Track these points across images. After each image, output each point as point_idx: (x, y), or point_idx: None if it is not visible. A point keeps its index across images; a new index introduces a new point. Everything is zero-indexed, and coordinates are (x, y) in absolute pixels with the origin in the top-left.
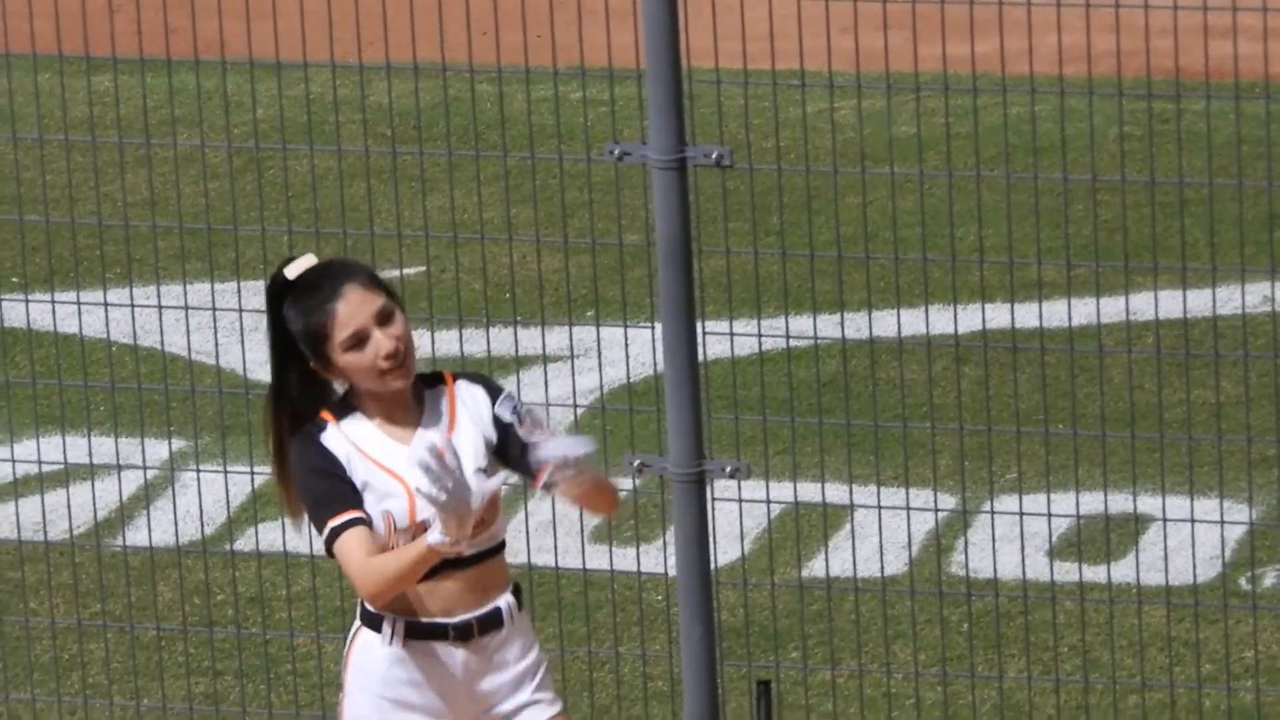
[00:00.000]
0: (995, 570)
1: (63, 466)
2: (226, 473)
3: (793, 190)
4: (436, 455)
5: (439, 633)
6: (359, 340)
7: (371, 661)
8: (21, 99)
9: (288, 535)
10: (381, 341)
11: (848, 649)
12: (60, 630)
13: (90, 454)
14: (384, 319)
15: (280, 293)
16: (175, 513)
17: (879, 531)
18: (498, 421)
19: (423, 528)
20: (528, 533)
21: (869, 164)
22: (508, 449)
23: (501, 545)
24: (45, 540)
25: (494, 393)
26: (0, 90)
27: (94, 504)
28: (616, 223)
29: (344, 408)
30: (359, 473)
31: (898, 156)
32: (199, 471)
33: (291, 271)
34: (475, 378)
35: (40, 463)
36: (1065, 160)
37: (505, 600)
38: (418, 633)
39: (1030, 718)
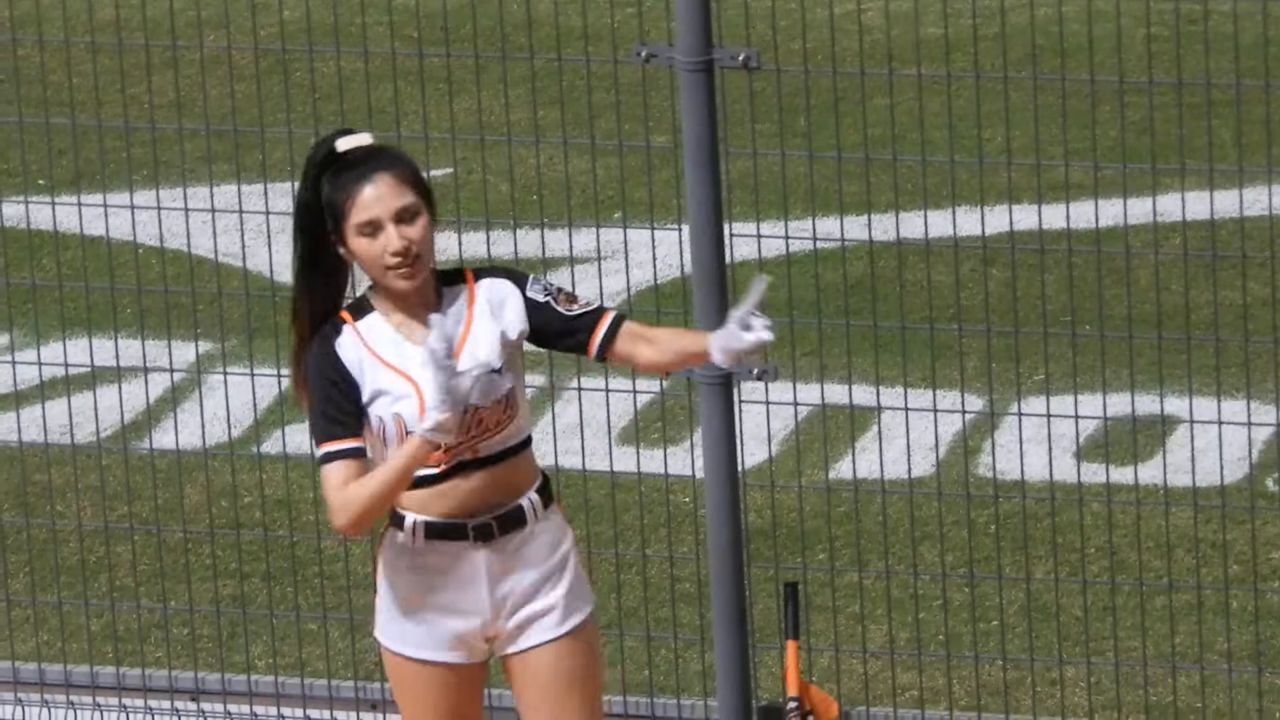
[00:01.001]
0: (1022, 472)
1: (89, 369)
2: (253, 375)
3: (820, 92)
4: (443, 342)
5: (458, 532)
6: (373, 229)
7: (397, 560)
8: (48, 2)
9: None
10: (393, 237)
11: (875, 551)
12: (87, 533)
13: (117, 357)
14: (404, 217)
15: (325, 161)
16: (202, 415)
17: (906, 433)
18: (532, 305)
19: None
20: (555, 435)
21: (896, 65)
22: (546, 329)
23: (525, 444)
24: (72, 443)
25: (519, 281)
26: None
27: (121, 407)
28: (644, 124)
29: (362, 308)
30: (370, 378)
31: (925, 58)
32: (226, 374)
33: (342, 144)
34: (497, 271)
35: (67, 365)
36: (1092, 61)
37: (528, 498)
38: (438, 532)
39: (1057, 619)
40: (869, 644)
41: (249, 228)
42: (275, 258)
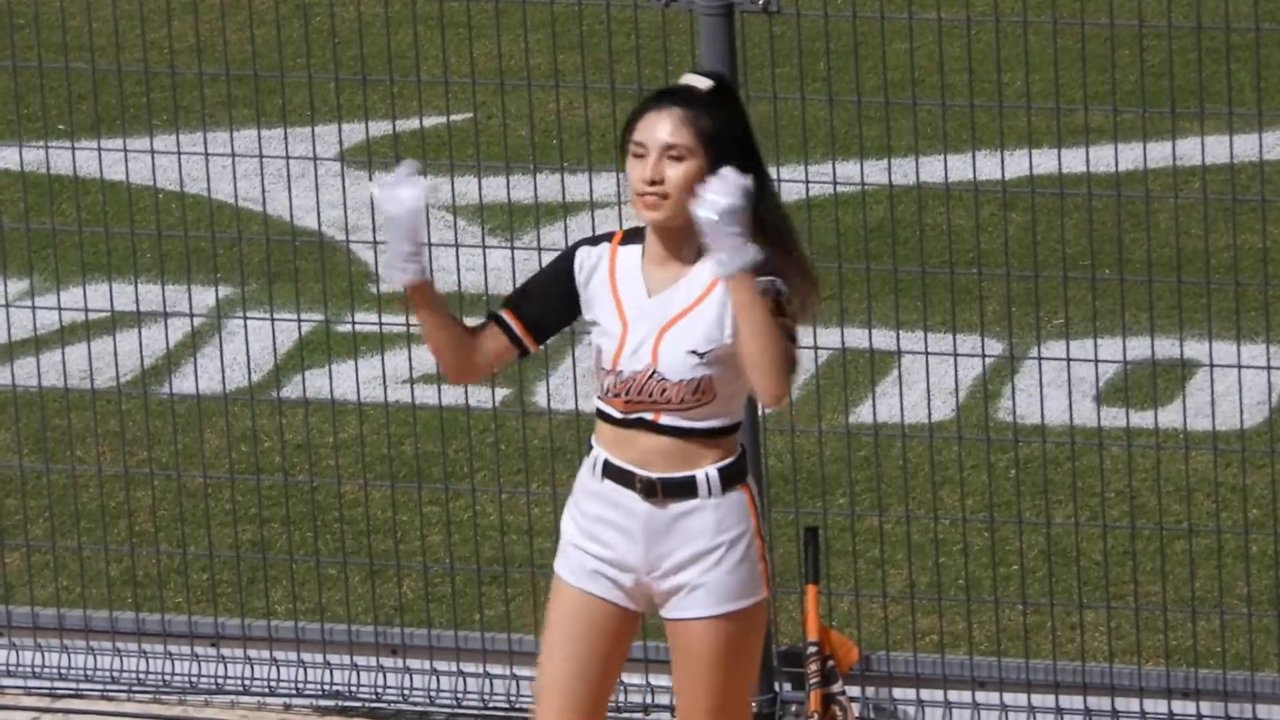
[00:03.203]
0: (1042, 416)
1: (109, 314)
2: (274, 320)
3: (839, 36)
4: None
5: (628, 480)
6: (640, 151)
7: (580, 489)
8: None
9: (334, 382)
10: (652, 166)
11: (895, 495)
12: (107, 478)
13: (137, 302)
14: (672, 154)
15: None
16: (222, 360)
17: (926, 377)
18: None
19: (620, 376)
20: (575, 378)
21: (916, 9)
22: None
23: (721, 431)
24: (92, 388)
25: (757, 273)
26: None
27: (141, 352)
28: (663, 69)
29: (634, 236)
30: (597, 298)
31: (944, 2)
32: (246, 319)
33: (685, 78)
34: (759, 260)
35: (87, 310)
36: (1112, 5)
37: (705, 472)
38: (613, 472)
39: (1077, 563)
40: (889, 589)
41: (269, 172)
42: (295, 202)
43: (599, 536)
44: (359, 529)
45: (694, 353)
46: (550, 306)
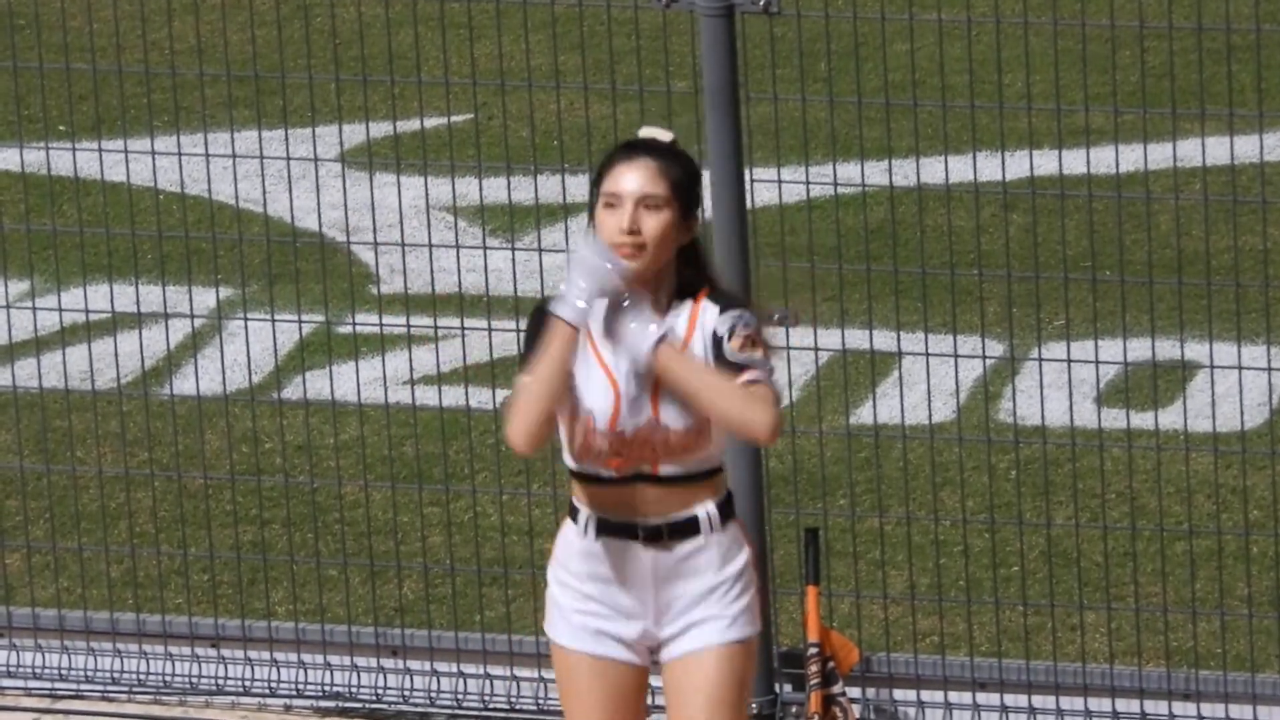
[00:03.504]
0: (1043, 417)
1: (110, 315)
2: (274, 321)
3: (840, 37)
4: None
5: (629, 531)
6: (615, 201)
7: (567, 552)
8: None
9: (335, 383)
10: (629, 216)
11: (895, 496)
12: (108, 479)
13: (138, 302)
14: (647, 204)
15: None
16: (223, 361)
17: (927, 378)
18: (714, 333)
19: (621, 437)
20: None
21: (916, 10)
22: (715, 359)
23: (713, 471)
24: (93, 389)
25: (725, 309)
26: None
27: (141, 352)
28: (664, 70)
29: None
30: (582, 359)
31: (945, 3)
32: (246, 320)
33: (643, 131)
34: (721, 298)
35: (88, 311)
36: (1113, 6)
37: (705, 509)
38: (609, 528)
39: (1078, 564)
40: (889, 590)
41: (270, 173)
42: (296, 203)
43: (598, 596)
44: (360, 530)
45: None
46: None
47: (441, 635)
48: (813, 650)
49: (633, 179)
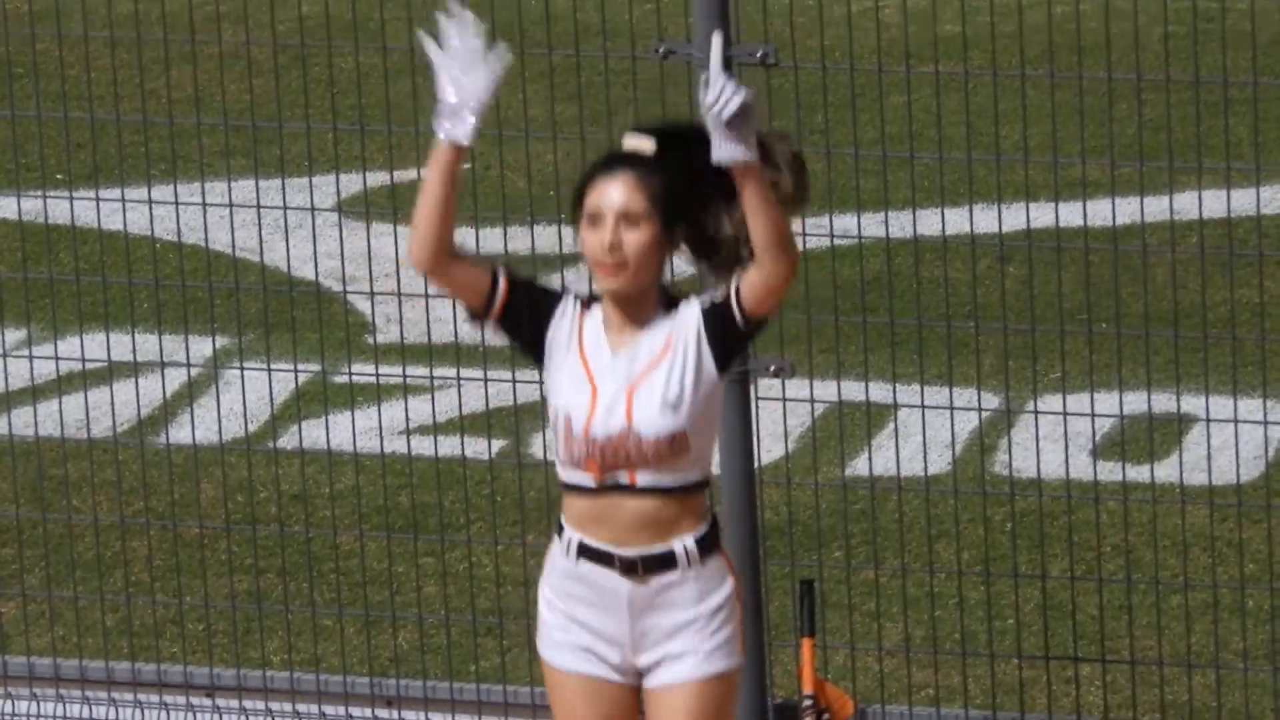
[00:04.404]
0: (1039, 470)
1: (106, 364)
2: (270, 370)
3: (837, 89)
4: None
5: (607, 560)
6: (595, 219)
7: (554, 569)
8: None
9: (330, 433)
10: (610, 232)
11: (891, 548)
12: (103, 527)
13: (134, 351)
14: (628, 220)
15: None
16: (219, 410)
17: (923, 430)
18: (707, 315)
19: (594, 443)
20: None
21: (914, 62)
22: (718, 329)
23: (694, 487)
24: (89, 438)
25: (703, 296)
26: None
27: (138, 401)
28: (661, 121)
29: (593, 301)
30: (562, 357)
31: (942, 55)
32: (243, 369)
33: (626, 141)
34: (700, 295)
35: (84, 360)
36: (1110, 59)
37: (682, 543)
38: (589, 553)
39: (1073, 617)
40: (884, 642)
41: (266, 223)
42: (292, 252)
43: (579, 617)
44: (355, 580)
45: (669, 404)
46: (531, 312)
47: (436, 686)
48: (808, 702)
49: (612, 194)
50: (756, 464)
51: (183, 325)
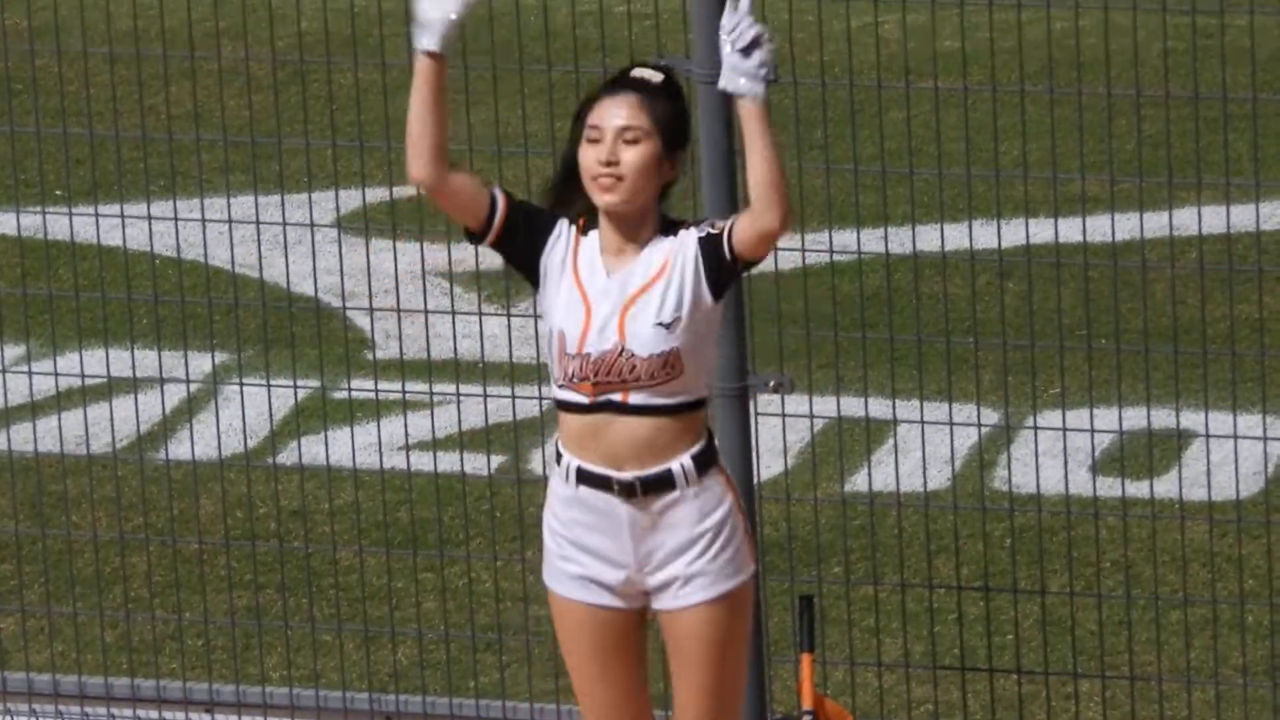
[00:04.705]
0: (1038, 485)
1: (106, 380)
2: (269, 386)
3: (837, 104)
4: None
5: (605, 484)
6: (595, 136)
7: (554, 497)
8: (66, 11)
9: (330, 448)
10: (609, 148)
11: (890, 564)
12: (102, 543)
13: (133, 367)
14: (628, 137)
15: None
16: (218, 426)
17: (922, 446)
18: (702, 246)
19: (587, 360)
20: None
21: (913, 78)
22: (713, 262)
23: (689, 406)
24: (88, 453)
25: (700, 228)
26: (45, 3)
27: (137, 417)
28: None
29: (591, 222)
30: (556, 279)
31: (942, 71)
32: (242, 385)
33: (635, 70)
34: (700, 222)
35: (83, 376)
36: (1109, 75)
37: (679, 462)
38: (587, 478)
39: (1073, 633)
40: (884, 657)
41: (265, 238)
42: (292, 268)
43: (582, 542)
44: (354, 595)
45: (660, 324)
46: (528, 233)
47: (436, 701)
48: (807, 718)
49: (615, 113)
50: (756, 480)
51: (182, 341)
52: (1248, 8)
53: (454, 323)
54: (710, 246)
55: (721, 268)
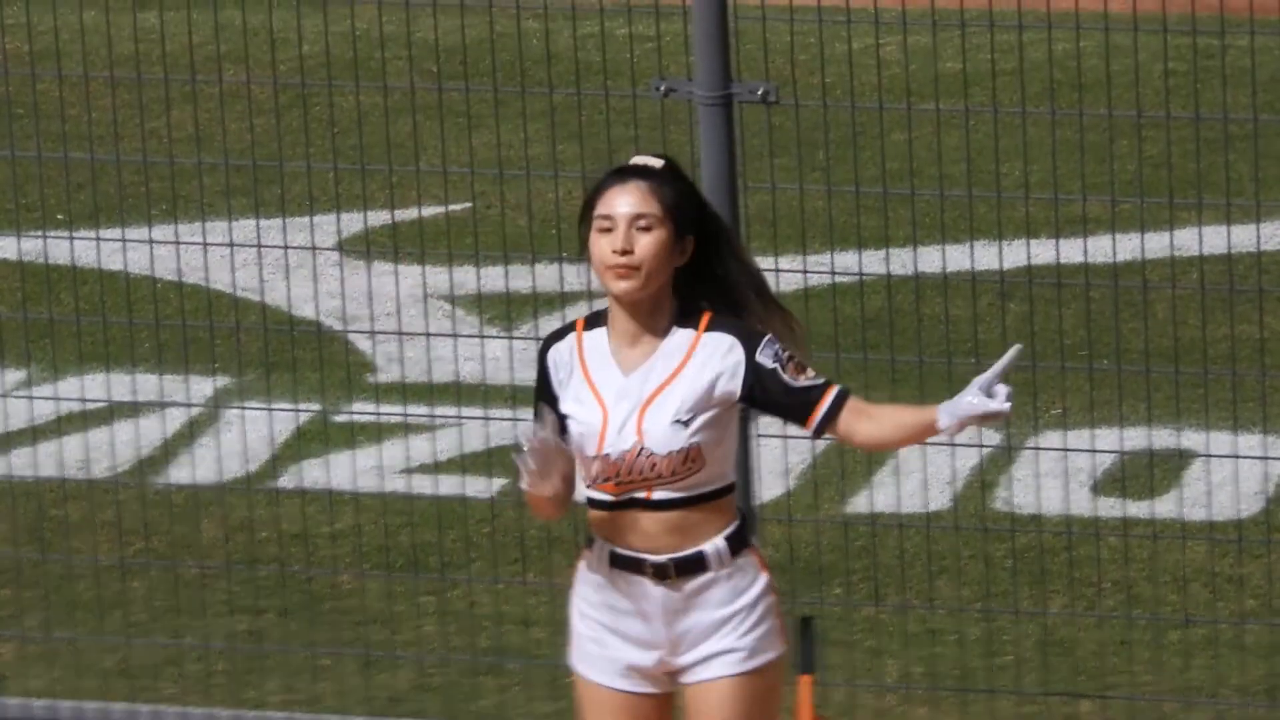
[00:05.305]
0: (1039, 506)
1: (107, 404)
2: (271, 410)
3: (838, 126)
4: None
5: (638, 566)
6: (607, 224)
7: (585, 581)
8: (67, 36)
9: (331, 472)
10: (623, 236)
11: (891, 584)
12: (103, 568)
13: (134, 391)
14: (640, 225)
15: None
16: (219, 450)
17: (923, 467)
18: (755, 370)
19: (607, 460)
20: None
21: (914, 100)
22: (767, 396)
23: (717, 493)
24: (89, 478)
25: (751, 343)
26: (46, 27)
27: (138, 441)
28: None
29: (596, 319)
30: (574, 389)
31: (943, 92)
32: (243, 408)
33: (635, 158)
34: (733, 327)
35: (84, 400)
36: (1110, 96)
37: (713, 544)
38: (620, 561)
39: (1073, 653)
40: (884, 678)
41: (267, 262)
42: (293, 292)
43: (614, 626)
44: (354, 619)
45: (679, 422)
46: (549, 398)
47: None
48: None
49: (625, 200)
50: (757, 501)
51: (183, 365)
52: (1248, 29)
53: (456, 345)
54: (769, 384)
55: (775, 407)
